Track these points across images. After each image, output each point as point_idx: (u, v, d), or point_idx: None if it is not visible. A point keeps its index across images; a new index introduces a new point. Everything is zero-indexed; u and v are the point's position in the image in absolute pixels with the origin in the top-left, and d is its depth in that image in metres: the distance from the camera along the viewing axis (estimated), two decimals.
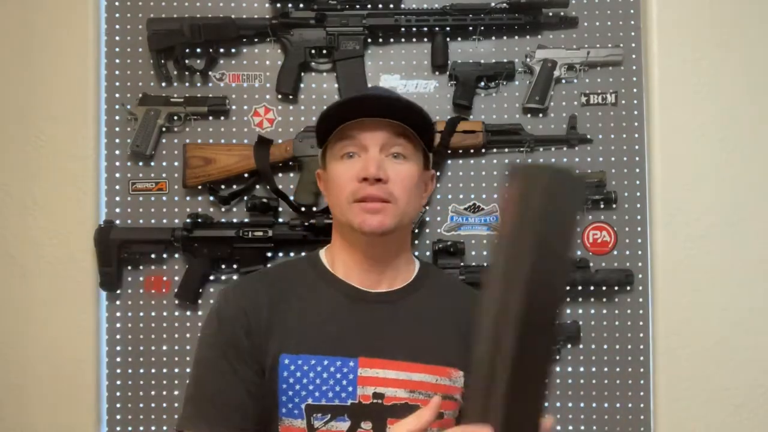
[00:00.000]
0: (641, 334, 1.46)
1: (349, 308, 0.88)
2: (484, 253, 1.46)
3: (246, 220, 1.44)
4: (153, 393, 1.45)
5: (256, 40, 1.48)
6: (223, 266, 1.44)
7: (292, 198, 1.43)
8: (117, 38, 1.48)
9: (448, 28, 1.45)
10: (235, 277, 1.45)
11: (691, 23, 1.46)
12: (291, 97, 1.47)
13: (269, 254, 1.44)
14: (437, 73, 1.48)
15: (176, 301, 1.44)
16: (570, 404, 1.45)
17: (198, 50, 1.47)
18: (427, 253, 1.42)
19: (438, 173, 1.44)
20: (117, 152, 1.47)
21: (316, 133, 0.94)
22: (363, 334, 0.86)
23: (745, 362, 1.45)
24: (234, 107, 1.47)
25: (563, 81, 1.47)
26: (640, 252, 1.46)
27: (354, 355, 0.83)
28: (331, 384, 0.82)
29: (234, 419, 0.82)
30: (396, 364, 0.84)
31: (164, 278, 1.46)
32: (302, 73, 1.47)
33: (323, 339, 0.85)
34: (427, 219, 1.46)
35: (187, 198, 1.47)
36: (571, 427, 1.45)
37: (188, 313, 1.45)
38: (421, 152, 0.91)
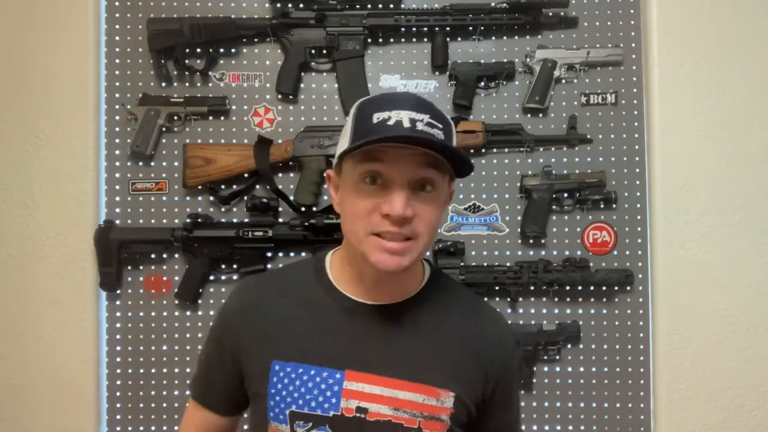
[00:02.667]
0: (641, 334, 1.46)
1: (343, 320, 0.86)
2: (484, 253, 1.46)
3: (246, 220, 1.44)
4: (153, 393, 1.45)
5: (256, 40, 1.48)
6: (223, 266, 1.45)
7: (292, 198, 1.43)
8: (117, 38, 1.48)
9: (448, 28, 1.45)
10: (235, 277, 1.45)
11: (691, 23, 1.46)
12: (291, 97, 1.47)
13: (269, 254, 1.44)
14: (437, 73, 1.48)
15: (176, 301, 1.45)
16: (570, 404, 1.45)
17: (198, 50, 1.47)
18: (427, 253, 1.43)
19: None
20: (117, 152, 1.47)
21: (341, 155, 0.82)
22: (353, 347, 0.84)
23: (745, 362, 1.45)
24: (234, 107, 1.47)
25: (563, 81, 1.47)
26: (640, 252, 1.46)
27: (341, 367, 0.83)
28: (315, 394, 0.82)
29: (213, 402, 0.94)
30: (383, 380, 0.82)
31: (164, 278, 1.46)
32: (302, 73, 1.47)
33: (314, 349, 0.85)
34: None
35: (187, 198, 1.47)
36: (571, 427, 1.45)
37: (188, 313, 1.46)
38: (447, 172, 0.83)
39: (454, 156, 0.78)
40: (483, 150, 1.46)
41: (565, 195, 1.45)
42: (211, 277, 1.46)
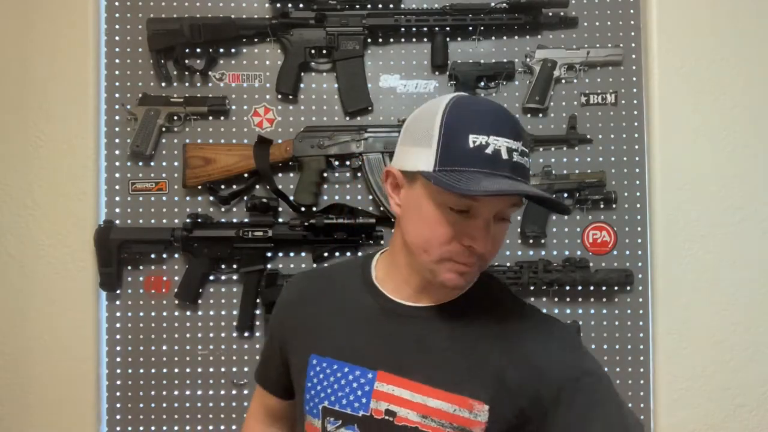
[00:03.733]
0: (641, 334, 1.46)
1: (382, 320, 0.84)
2: None
3: (246, 220, 1.44)
4: (153, 393, 1.45)
5: (256, 40, 1.48)
6: (223, 266, 1.45)
7: (292, 198, 1.43)
8: (117, 38, 1.48)
9: (448, 28, 1.45)
10: (235, 277, 1.45)
11: (691, 23, 1.46)
12: (291, 97, 1.47)
13: (269, 254, 1.44)
14: (437, 73, 1.48)
15: (176, 301, 1.45)
16: None
17: (198, 50, 1.47)
18: None
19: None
20: (117, 152, 1.47)
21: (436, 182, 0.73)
22: (388, 348, 0.82)
23: (745, 362, 1.45)
24: (234, 107, 1.47)
25: (563, 81, 1.47)
26: (640, 252, 1.46)
27: (374, 367, 0.81)
28: (347, 392, 0.81)
29: (271, 387, 0.98)
30: (414, 385, 0.79)
31: (164, 278, 1.46)
32: (302, 73, 1.47)
33: (349, 346, 0.83)
34: None
35: (187, 198, 1.47)
36: None
37: (188, 313, 1.46)
38: None
39: (546, 202, 0.78)
40: None
41: (565, 195, 1.45)
42: (211, 277, 1.46)
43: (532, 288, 1.42)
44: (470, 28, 1.45)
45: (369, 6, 1.46)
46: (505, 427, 0.77)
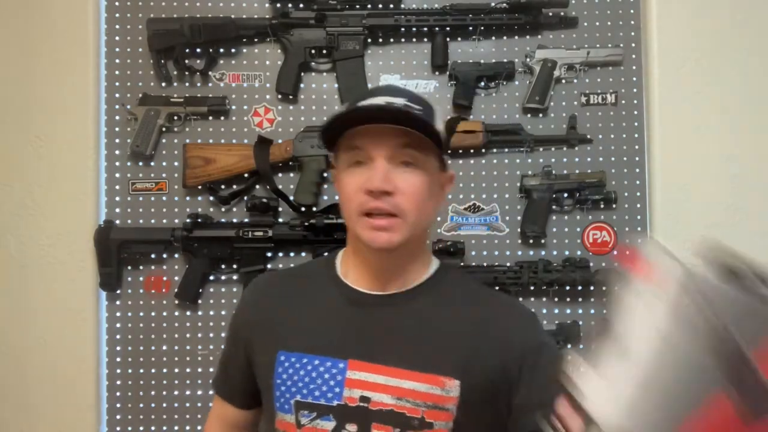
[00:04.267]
0: None
1: (348, 310, 0.88)
2: (484, 253, 1.46)
3: (246, 220, 1.44)
4: (153, 393, 1.45)
5: (256, 40, 1.48)
6: (223, 266, 1.45)
7: (292, 198, 1.43)
8: (117, 38, 1.48)
9: (448, 28, 1.45)
10: (235, 277, 1.45)
11: (690, 23, 1.46)
12: (291, 97, 1.47)
13: (269, 254, 1.44)
14: (437, 73, 1.48)
15: (176, 301, 1.45)
16: None
17: (198, 50, 1.47)
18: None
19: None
20: (117, 152, 1.47)
21: (322, 138, 0.89)
22: (357, 337, 0.85)
23: None
24: (234, 107, 1.47)
25: (563, 81, 1.47)
26: None
27: (344, 357, 0.84)
28: (319, 383, 0.83)
29: (231, 395, 0.98)
30: (386, 369, 0.83)
31: (164, 278, 1.46)
32: (302, 73, 1.47)
33: (318, 339, 0.86)
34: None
35: (187, 198, 1.47)
36: None
37: (188, 313, 1.45)
38: (434, 156, 0.86)
39: (418, 121, 0.81)
40: (483, 150, 1.46)
41: (565, 195, 1.45)
42: (211, 277, 1.46)
43: (532, 288, 1.42)
44: (470, 28, 1.45)
45: (369, 6, 1.46)
46: (476, 399, 0.83)
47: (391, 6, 1.46)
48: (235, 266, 1.44)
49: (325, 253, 1.43)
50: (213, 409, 1.02)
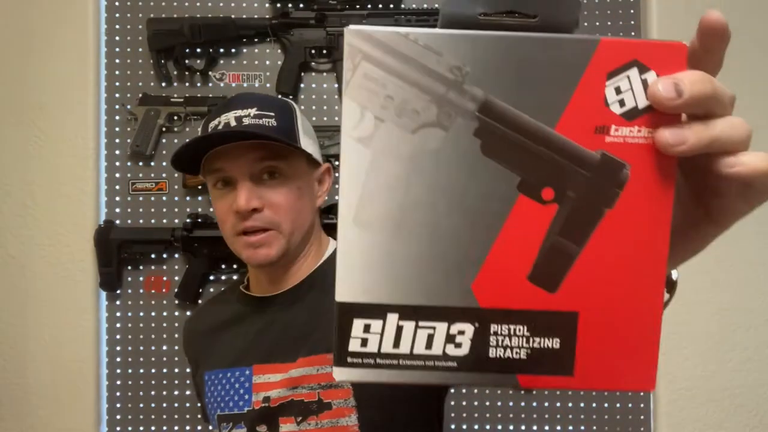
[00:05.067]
0: None
1: (252, 319, 0.90)
2: None
3: None
4: (153, 393, 1.45)
5: (256, 40, 1.48)
6: (223, 266, 1.45)
7: None
8: (117, 38, 1.48)
9: None
10: (235, 277, 1.45)
11: (691, 23, 1.45)
12: (291, 97, 1.47)
13: None
14: None
15: (176, 301, 1.44)
16: (570, 404, 1.45)
17: (198, 50, 1.47)
18: None
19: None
20: (117, 152, 1.47)
21: (176, 167, 0.88)
22: (259, 342, 0.87)
23: (745, 362, 1.45)
24: None
25: None
26: None
27: (249, 363, 0.86)
28: (232, 394, 0.86)
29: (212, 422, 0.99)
30: (281, 366, 0.84)
31: (164, 278, 1.46)
32: (302, 73, 1.47)
33: (228, 352, 0.89)
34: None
35: (187, 198, 1.47)
36: (571, 427, 1.45)
37: (188, 313, 1.45)
38: (298, 158, 0.85)
39: (267, 130, 0.80)
40: None
41: None
42: (211, 277, 1.46)
43: None
44: None
45: (369, 6, 1.46)
46: None
47: (391, 6, 1.46)
48: (235, 266, 1.44)
49: None
50: None
